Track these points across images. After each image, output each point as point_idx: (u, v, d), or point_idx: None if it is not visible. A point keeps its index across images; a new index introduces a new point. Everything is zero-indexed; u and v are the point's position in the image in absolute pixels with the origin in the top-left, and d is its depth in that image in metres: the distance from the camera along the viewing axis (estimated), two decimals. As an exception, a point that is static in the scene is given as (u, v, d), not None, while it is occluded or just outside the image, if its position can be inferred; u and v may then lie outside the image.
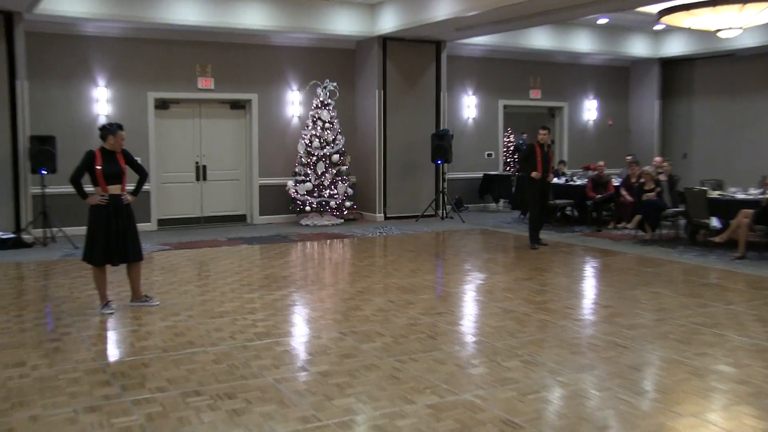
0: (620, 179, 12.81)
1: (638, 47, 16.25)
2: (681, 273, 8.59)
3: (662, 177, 11.70)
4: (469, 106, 15.28)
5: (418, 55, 13.65)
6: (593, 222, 12.26)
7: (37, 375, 4.80)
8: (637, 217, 11.01)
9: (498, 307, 6.74)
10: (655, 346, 5.49)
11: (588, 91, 16.88)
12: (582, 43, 15.49)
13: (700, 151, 16.58)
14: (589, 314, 6.64)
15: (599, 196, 12.12)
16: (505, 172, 16.15)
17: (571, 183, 12.91)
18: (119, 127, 6.56)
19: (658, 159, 13.01)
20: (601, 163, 12.57)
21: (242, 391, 4.50)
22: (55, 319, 6.36)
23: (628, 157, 13.52)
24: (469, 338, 5.83)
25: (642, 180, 11.15)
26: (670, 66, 16.89)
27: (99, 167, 6.36)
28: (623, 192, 12.05)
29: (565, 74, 16.44)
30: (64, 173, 10.35)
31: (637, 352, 5.31)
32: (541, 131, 10.33)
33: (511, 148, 17.76)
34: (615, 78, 17.20)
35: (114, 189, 6.44)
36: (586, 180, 12.56)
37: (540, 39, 14.88)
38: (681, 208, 10.93)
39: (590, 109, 16.96)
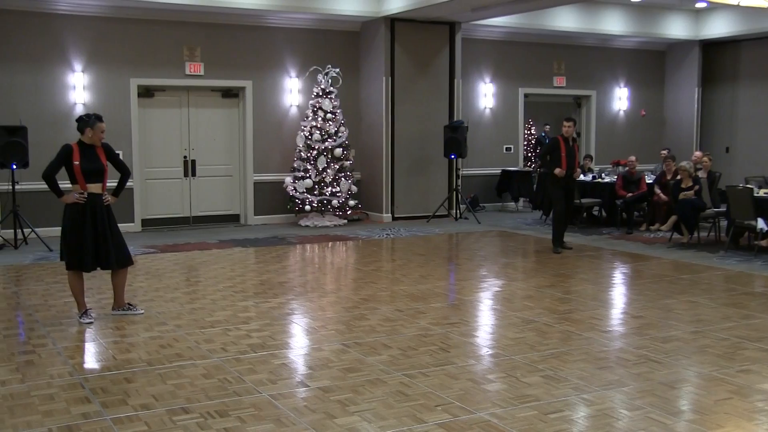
0: (654, 176, 12.82)
1: (676, 28, 16.24)
2: (722, 280, 8.60)
3: (701, 173, 11.70)
4: (486, 94, 15.31)
5: (430, 37, 13.68)
6: (623, 223, 12.27)
7: (7, 391, 4.84)
8: (673, 218, 11.02)
9: (517, 317, 6.77)
10: (692, 361, 5.51)
11: (618, 77, 16.88)
12: (612, 24, 15.50)
13: (744, 145, 16.55)
14: (618, 325, 6.66)
15: (630, 194, 12.13)
16: (526, 168, 16.16)
17: (599, 180, 12.92)
18: (98, 118, 6.56)
19: (697, 154, 13.02)
20: (633, 158, 12.58)
21: (235, 408, 4.54)
22: (27, 330, 6.42)
23: (663, 152, 13.55)
24: (485, 351, 5.86)
25: (678, 177, 11.15)
26: (712, 49, 16.86)
27: (77, 163, 6.39)
28: (657, 190, 12.06)
29: (593, 59, 16.44)
30: (36, 168, 10.40)
31: (672, 368, 5.33)
32: (566, 123, 10.33)
33: (533, 142, 17.79)
34: (649, 63, 17.19)
35: (94, 188, 6.47)
36: (616, 177, 12.57)
37: (565, 20, 14.89)
38: (722, 209, 10.93)
39: (621, 98, 16.96)
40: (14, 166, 10.38)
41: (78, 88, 11.74)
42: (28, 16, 11.38)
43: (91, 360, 5.69)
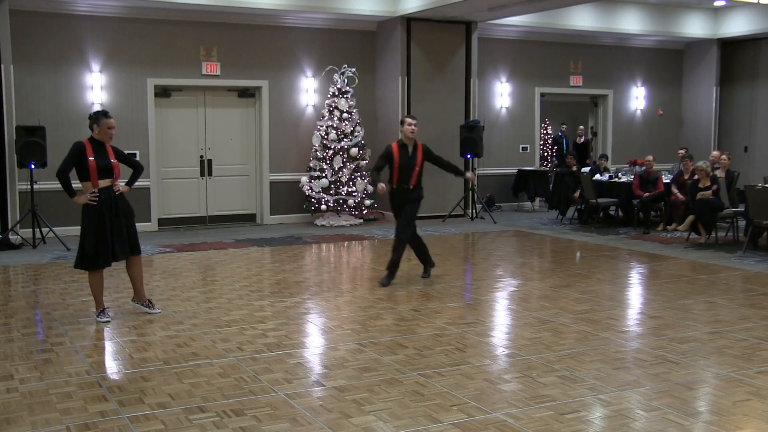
0: (671, 176, 12.74)
1: (694, 27, 16.13)
2: (740, 281, 8.53)
3: (719, 173, 11.62)
4: (502, 94, 15.27)
5: (446, 37, 13.66)
6: (640, 223, 12.20)
7: (26, 389, 4.89)
8: (690, 218, 10.94)
9: (533, 317, 6.74)
10: (709, 362, 5.47)
11: (636, 77, 16.78)
12: (630, 22, 15.41)
13: (763, 144, 16.40)
14: (635, 326, 6.62)
15: (647, 194, 12.05)
16: (542, 168, 16.11)
17: (616, 180, 12.85)
18: (104, 114, 6.56)
19: (715, 153, 12.93)
20: (650, 157, 12.50)
21: (251, 407, 4.55)
22: (45, 328, 6.47)
23: (681, 151, 13.46)
24: (501, 351, 5.85)
25: (696, 176, 11.08)
26: (730, 48, 16.72)
27: (92, 158, 6.41)
28: (674, 190, 11.98)
29: (609, 58, 16.36)
30: (54, 167, 10.50)
31: (690, 369, 5.29)
32: (411, 121, 8.11)
33: (549, 141, 17.75)
34: (667, 62, 17.08)
35: (104, 183, 6.49)
36: (633, 176, 12.50)
37: (582, 19, 14.83)
38: (740, 208, 10.84)
39: (638, 98, 16.86)
40: (33, 166, 10.46)
41: (96, 88, 11.83)
42: (47, 17, 11.47)
43: (108, 359, 5.73)
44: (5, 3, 10.61)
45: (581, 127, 16.39)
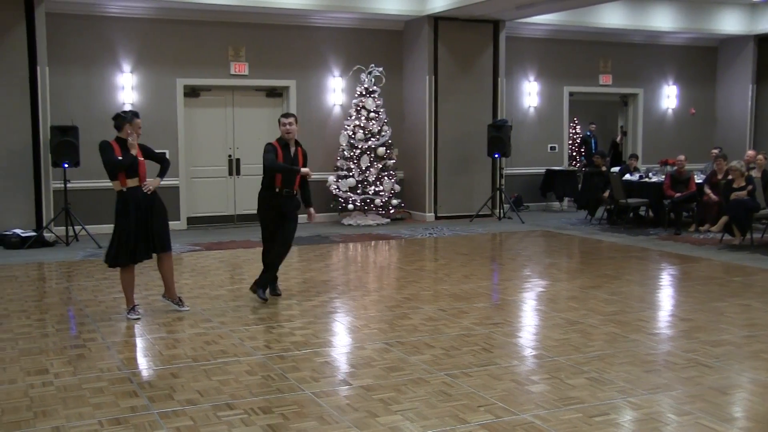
0: (704, 176, 12.58)
1: (729, 23, 15.90)
2: (774, 283, 8.41)
3: (755, 172, 11.45)
4: (530, 93, 15.19)
5: (474, 36, 13.62)
6: (671, 224, 12.07)
7: (60, 383, 4.97)
8: (724, 219, 10.80)
9: (561, 318, 6.70)
10: (744, 366, 5.39)
11: (667, 75, 16.60)
12: (661, 19, 15.25)
13: (801, 144, 16.13)
14: (666, 328, 6.55)
15: (679, 194, 11.92)
16: (571, 168, 16.00)
17: (646, 180, 12.72)
18: (135, 114, 6.67)
19: (751, 153, 12.74)
20: (682, 157, 12.35)
21: (278, 405, 4.58)
22: (78, 324, 6.57)
23: (714, 151, 13.29)
24: (529, 352, 5.82)
25: (730, 177, 10.93)
26: (768, 44, 16.46)
27: (120, 158, 6.50)
28: (707, 190, 11.83)
29: (640, 56, 16.20)
30: (87, 167, 10.71)
31: (723, 373, 5.22)
32: (284, 120, 7.27)
33: (578, 141, 17.62)
34: (699, 60, 16.87)
35: (132, 182, 6.57)
36: (664, 176, 12.37)
37: (612, 16, 14.70)
38: (776, 209, 10.68)
39: (669, 96, 16.68)
40: (66, 165, 10.60)
41: (126, 89, 11.96)
42: (81, 20, 11.63)
43: (138, 355, 5.80)
44: (41, 6, 10.78)
45: (622, 125, 16.22)
